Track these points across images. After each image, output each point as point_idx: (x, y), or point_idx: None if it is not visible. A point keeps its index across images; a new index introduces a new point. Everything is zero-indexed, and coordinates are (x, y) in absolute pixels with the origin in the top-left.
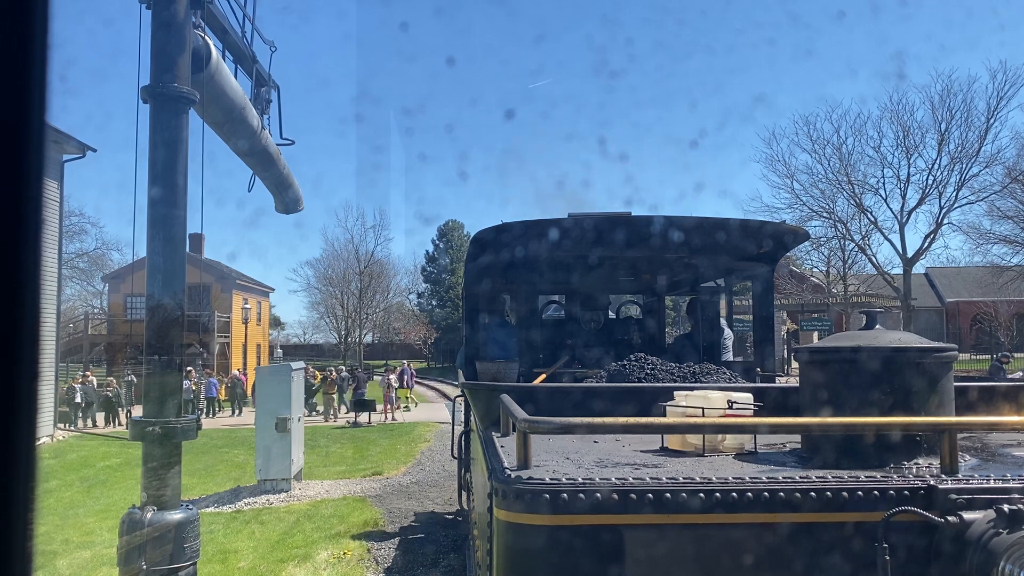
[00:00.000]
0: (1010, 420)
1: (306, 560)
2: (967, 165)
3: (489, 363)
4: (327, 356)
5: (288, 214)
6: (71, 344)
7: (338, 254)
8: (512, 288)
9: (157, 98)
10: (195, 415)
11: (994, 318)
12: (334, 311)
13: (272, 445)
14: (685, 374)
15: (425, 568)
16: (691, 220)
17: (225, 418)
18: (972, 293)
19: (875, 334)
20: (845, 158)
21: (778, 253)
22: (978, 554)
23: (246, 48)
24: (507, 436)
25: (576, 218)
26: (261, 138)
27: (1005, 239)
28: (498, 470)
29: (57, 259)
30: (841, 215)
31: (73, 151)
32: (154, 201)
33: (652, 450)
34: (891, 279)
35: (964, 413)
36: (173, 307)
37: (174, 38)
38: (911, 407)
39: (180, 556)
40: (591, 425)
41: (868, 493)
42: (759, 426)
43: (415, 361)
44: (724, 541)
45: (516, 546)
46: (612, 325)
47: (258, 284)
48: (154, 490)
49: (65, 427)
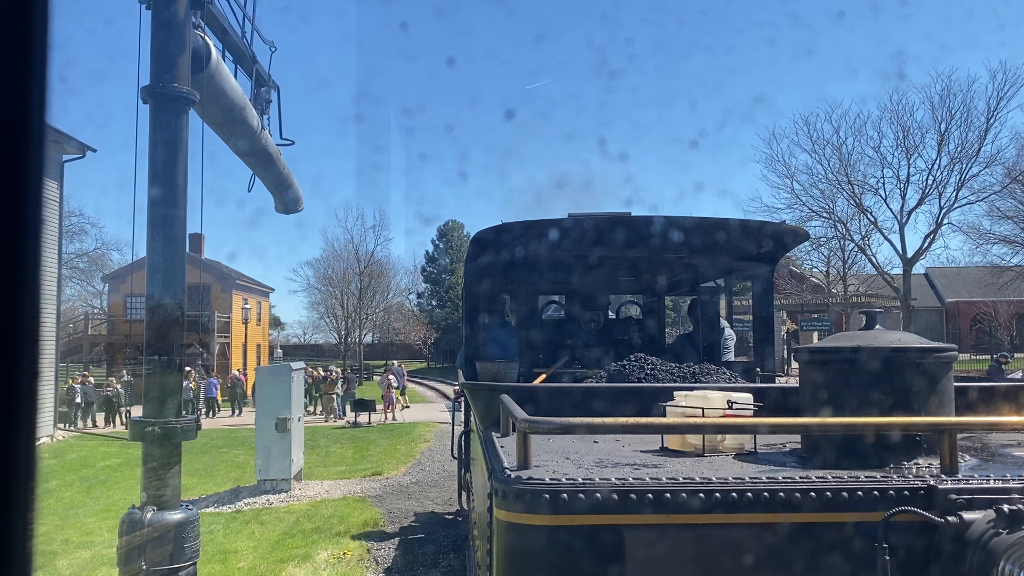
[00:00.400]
0: (1010, 420)
1: (306, 560)
2: (967, 165)
3: (489, 363)
4: (327, 356)
5: (288, 214)
6: (71, 344)
7: (338, 254)
8: (512, 288)
9: (157, 98)
10: (195, 415)
11: (994, 318)
12: (334, 311)
13: (272, 445)
14: (685, 374)
15: (425, 568)
16: (691, 220)
17: (225, 418)
18: (972, 293)
19: (875, 334)
20: (845, 158)
21: (778, 253)
22: (978, 554)
23: (246, 48)
24: (507, 436)
25: (576, 218)
26: (261, 138)
27: (1005, 239)
28: (498, 470)
29: (57, 259)
30: (841, 215)
31: (73, 151)
32: (154, 201)
33: (652, 450)
34: (891, 279)
35: (964, 413)
36: (173, 307)
37: (174, 38)
38: (911, 407)
39: (180, 556)
40: (591, 425)
41: (868, 493)
42: (759, 426)
43: (415, 361)
44: (724, 541)
45: (516, 546)
46: (612, 325)
47: (258, 284)
48: (154, 490)
49: (65, 427)
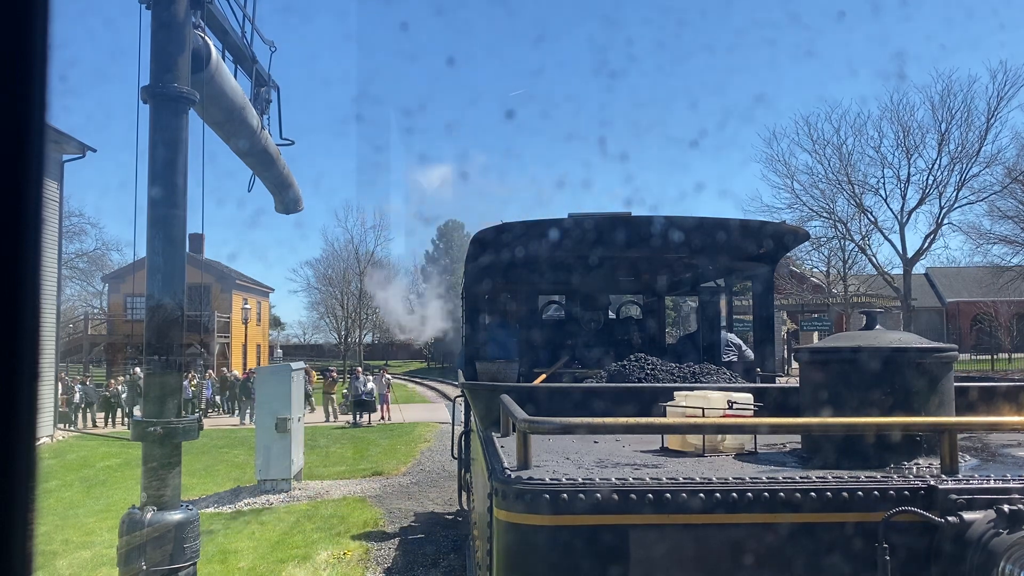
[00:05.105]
0: (1010, 420)
1: (306, 560)
2: (967, 165)
3: (489, 363)
4: (327, 356)
5: (288, 214)
6: (71, 344)
7: (338, 254)
8: (512, 288)
9: (157, 98)
10: (196, 415)
11: (994, 318)
12: (334, 311)
13: (272, 445)
14: (685, 374)
15: (425, 568)
16: (691, 220)
17: (222, 418)
18: (972, 293)
19: (875, 334)
20: (845, 158)
21: (778, 253)
22: (978, 554)
23: (246, 48)
24: (507, 436)
25: (576, 218)
26: (261, 138)
27: (1005, 239)
28: (498, 470)
29: (57, 259)
30: (841, 215)
31: (73, 151)
32: (154, 201)
33: (652, 450)
34: (891, 279)
35: (964, 413)
36: (173, 307)
37: (174, 38)
38: (911, 407)
39: (180, 556)
40: (591, 425)
41: (868, 493)
42: (759, 426)
43: (415, 362)
44: (724, 541)
45: (516, 546)
46: (612, 325)
47: (258, 284)
48: (154, 490)
49: (65, 427)
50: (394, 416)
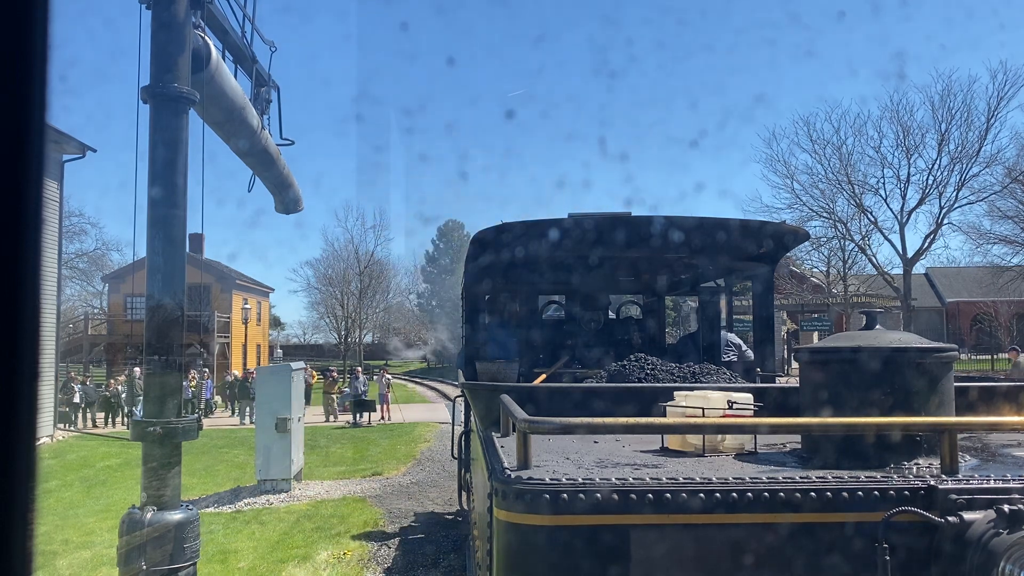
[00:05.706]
0: (1010, 420)
1: (306, 560)
2: (967, 165)
3: (489, 363)
4: (327, 356)
5: (288, 214)
6: (71, 344)
7: (338, 254)
8: (512, 288)
9: (157, 98)
10: (196, 415)
11: (994, 318)
12: (334, 311)
13: (272, 445)
14: (685, 374)
15: (425, 568)
16: (691, 220)
17: (223, 418)
18: (972, 293)
19: (875, 334)
20: (845, 158)
21: (778, 253)
22: (978, 554)
23: (246, 48)
24: (507, 436)
25: (576, 218)
26: (261, 138)
27: (1005, 239)
28: (498, 470)
29: (57, 259)
30: (841, 215)
31: (73, 151)
32: (154, 201)
33: (652, 450)
34: (891, 279)
35: (964, 413)
36: (173, 307)
37: (174, 38)
38: (911, 407)
39: (180, 556)
40: (591, 425)
41: (868, 493)
42: (759, 426)
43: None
44: (724, 541)
45: (516, 546)
46: (612, 325)
47: (258, 284)
48: (154, 490)
49: (65, 427)
50: (394, 416)
